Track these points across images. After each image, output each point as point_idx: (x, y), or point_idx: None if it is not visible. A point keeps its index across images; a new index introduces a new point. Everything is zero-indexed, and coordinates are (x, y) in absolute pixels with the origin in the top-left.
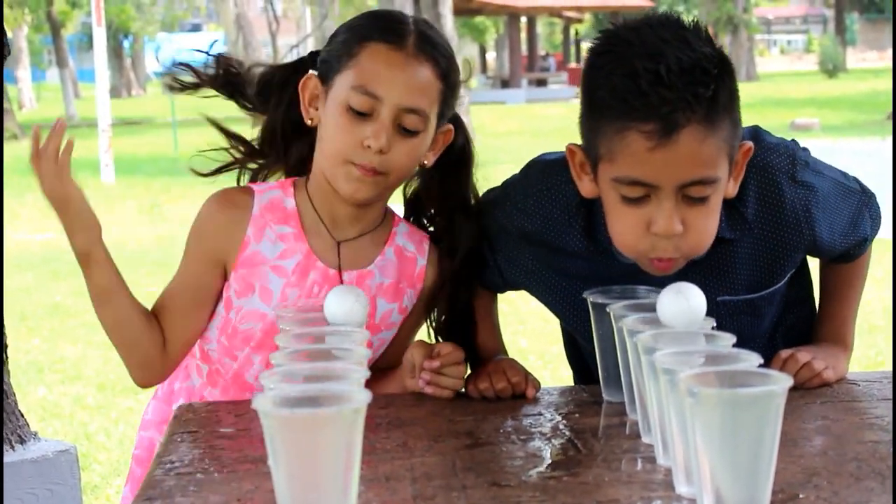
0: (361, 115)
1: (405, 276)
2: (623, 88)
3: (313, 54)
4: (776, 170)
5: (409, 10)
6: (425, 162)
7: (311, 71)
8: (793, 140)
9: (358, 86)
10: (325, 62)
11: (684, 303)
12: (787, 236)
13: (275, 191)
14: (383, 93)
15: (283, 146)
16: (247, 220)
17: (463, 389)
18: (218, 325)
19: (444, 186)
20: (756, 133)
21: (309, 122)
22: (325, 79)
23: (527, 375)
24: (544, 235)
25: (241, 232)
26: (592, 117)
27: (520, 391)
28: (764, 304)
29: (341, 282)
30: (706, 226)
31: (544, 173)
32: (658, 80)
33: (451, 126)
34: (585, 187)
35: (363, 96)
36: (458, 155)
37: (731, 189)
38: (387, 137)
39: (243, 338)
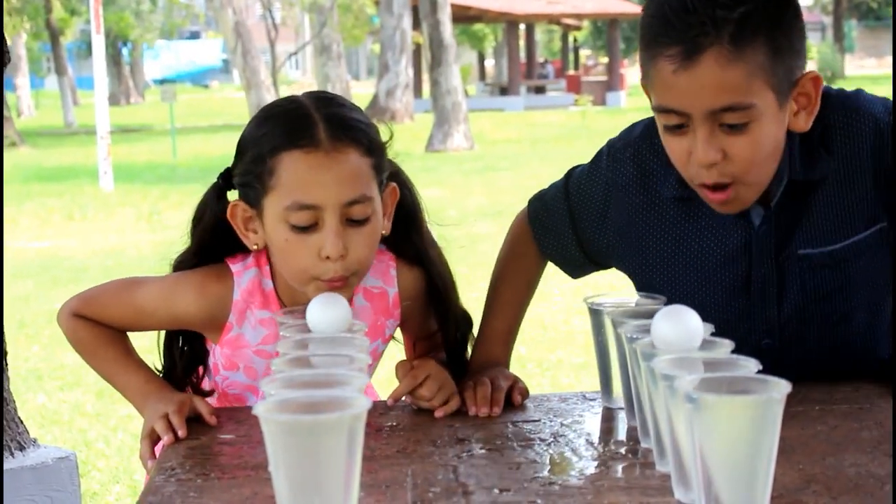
0: (308, 228)
1: (380, 312)
2: (654, 16)
3: (225, 174)
4: (868, 115)
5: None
6: (384, 233)
7: (234, 200)
8: None
9: (291, 204)
10: (245, 186)
11: (681, 326)
12: (868, 180)
13: (251, 270)
14: (319, 200)
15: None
16: (228, 306)
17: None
18: (210, 379)
19: (397, 245)
20: (855, 92)
21: (254, 248)
22: (252, 203)
23: (515, 383)
24: (636, 186)
25: (223, 317)
26: (640, 50)
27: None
28: (849, 256)
29: None
30: (752, 155)
31: (647, 127)
32: (682, 5)
33: (394, 185)
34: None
35: (301, 212)
36: (405, 210)
37: (804, 123)
38: (342, 241)
39: (235, 398)
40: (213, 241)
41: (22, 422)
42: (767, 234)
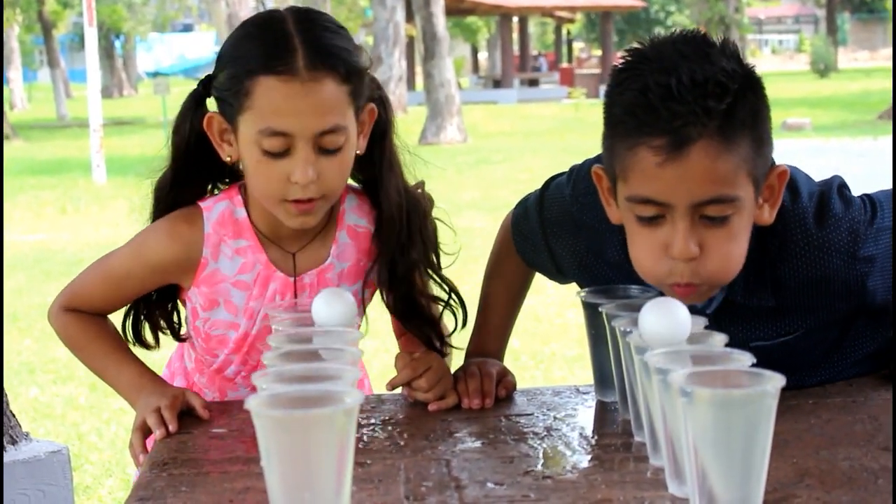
0: (279, 154)
1: (363, 253)
2: (634, 104)
3: (206, 81)
4: (834, 250)
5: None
6: (358, 152)
7: (210, 111)
8: (862, 198)
9: (264, 129)
10: (221, 101)
11: (669, 319)
12: (832, 304)
13: (222, 202)
14: (292, 128)
15: (203, 175)
16: (200, 242)
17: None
18: (191, 327)
19: (371, 155)
20: (823, 204)
21: (228, 160)
22: (228, 118)
23: (503, 375)
24: (594, 233)
25: (197, 255)
26: (609, 136)
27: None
28: (798, 343)
29: (295, 288)
30: (729, 250)
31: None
32: (668, 94)
33: (372, 105)
34: (613, 213)
35: (273, 138)
36: (379, 127)
37: (767, 216)
38: (312, 168)
39: (218, 341)
40: (190, 154)
41: (14, 415)
42: (715, 322)
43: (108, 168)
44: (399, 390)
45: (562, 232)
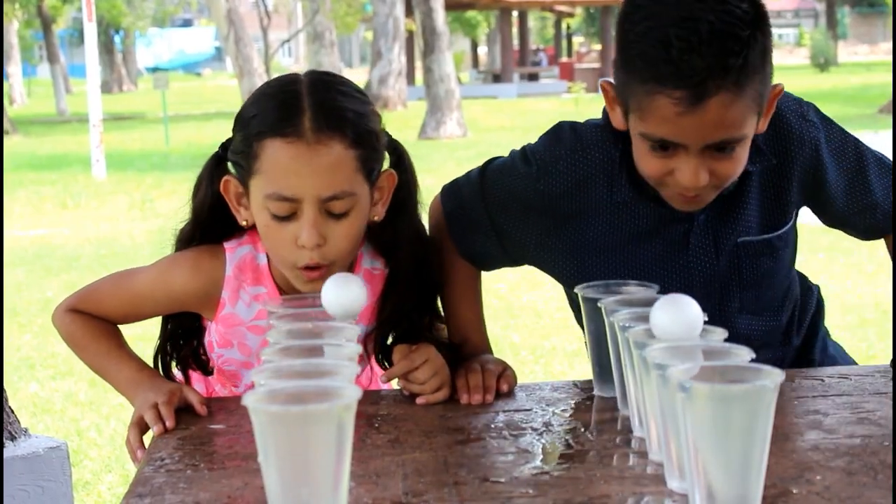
0: (286, 218)
1: (378, 294)
2: (654, 55)
3: (225, 145)
4: (785, 108)
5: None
6: (376, 218)
7: (228, 174)
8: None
9: (271, 193)
10: (236, 164)
11: (680, 314)
12: (795, 166)
13: (245, 247)
14: (297, 192)
15: (225, 231)
16: (220, 283)
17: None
18: (210, 355)
19: (392, 224)
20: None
21: (244, 224)
22: (242, 180)
23: (504, 370)
24: (572, 198)
25: (216, 295)
26: (624, 70)
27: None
28: (780, 245)
29: None
30: (733, 171)
31: (577, 135)
32: (689, 48)
33: (391, 171)
34: (617, 119)
35: (279, 202)
36: (401, 190)
37: (762, 125)
38: (317, 232)
39: (231, 375)
40: (211, 213)
41: (13, 411)
42: (707, 223)
43: (107, 163)
44: (396, 385)
45: (511, 212)
